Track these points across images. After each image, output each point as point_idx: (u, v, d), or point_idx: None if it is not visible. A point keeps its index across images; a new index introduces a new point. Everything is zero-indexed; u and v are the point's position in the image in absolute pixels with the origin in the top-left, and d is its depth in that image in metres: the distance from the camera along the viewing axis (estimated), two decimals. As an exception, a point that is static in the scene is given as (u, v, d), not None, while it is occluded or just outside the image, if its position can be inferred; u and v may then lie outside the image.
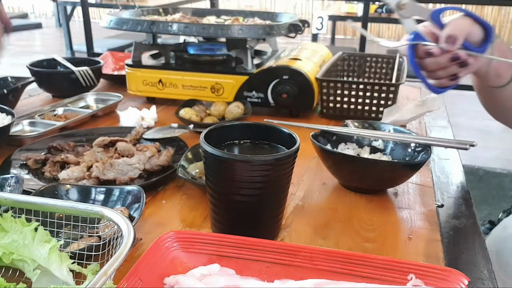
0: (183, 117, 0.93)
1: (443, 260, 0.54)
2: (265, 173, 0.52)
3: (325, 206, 0.66)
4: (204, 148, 0.53)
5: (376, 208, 0.66)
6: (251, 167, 0.51)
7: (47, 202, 0.49)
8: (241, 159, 0.52)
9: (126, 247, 0.41)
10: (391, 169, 0.67)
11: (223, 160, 0.51)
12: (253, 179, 0.52)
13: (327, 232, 0.60)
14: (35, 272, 0.46)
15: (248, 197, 0.54)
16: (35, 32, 7.22)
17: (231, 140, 0.60)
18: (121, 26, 1.01)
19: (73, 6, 4.01)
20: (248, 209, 0.54)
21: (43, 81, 1.14)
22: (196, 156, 0.74)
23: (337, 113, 1.02)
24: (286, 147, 0.56)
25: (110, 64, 1.36)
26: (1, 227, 0.48)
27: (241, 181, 0.52)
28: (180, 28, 0.98)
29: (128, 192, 0.61)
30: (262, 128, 0.61)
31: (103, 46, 3.87)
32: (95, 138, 0.85)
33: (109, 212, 0.46)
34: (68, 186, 0.63)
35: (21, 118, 0.92)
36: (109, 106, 1.03)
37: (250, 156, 0.52)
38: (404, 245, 0.57)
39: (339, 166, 0.70)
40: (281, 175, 0.54)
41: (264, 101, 1.02)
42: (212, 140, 0.54)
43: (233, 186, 0.53)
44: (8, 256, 0.46)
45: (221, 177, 0.53)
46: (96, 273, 0.38)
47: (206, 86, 1.03)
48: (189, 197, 0.68)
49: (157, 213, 0.64)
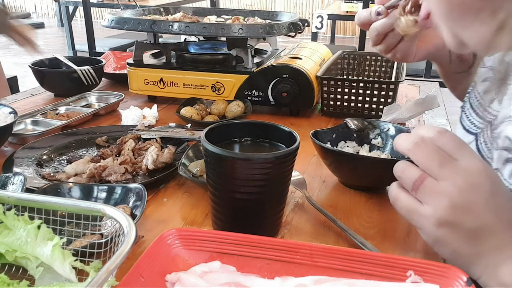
0: (184, 115, 0.94)
1: (441, 257, 0.55)
2: (266, 171, 0.52)
3: (325, 203, 0.66)
4: (205, 146, 0.53)
5: (376, 206, 0.66)
6: (252, 165, 0.52)
7: (50, 200, 0.50)
8: (241, 157, 0.52)
9: (128, 244, 0.41)
10: (389, 167, 0.67)
11: (223, 158, 0.52)
12: (254, 177, 0.52)
13: (327, 229, 0.60)
14: (38, 270, 0.46)
15: (248, 195, 0.54)
16: (38, 32, 7.22)
17: (232, 138, 0.61)
18: (122, 26, 1.02)
19: (75, 6, 4.02)
20: (249, 206, 0.55)
21: (46, 80, 1.14)
22: (197, 154, 0.74)
23: (337, 111, 1.02)
24: (286, 145, 0.57)
25: (112, 63, 1.37)
26: (5, 225, 0.49)
27: (242, 179, 0.53)
28: (181, 27, 0.98)
29: (130, 190, 0.62)
30: (263, 126, 0.61)
31: (105, 45, 3.87)
32: (97, 136, 0.85)
33: (111, 210, 0.47)
34: (70, 184, 0.64)
35: (23, 117, 0.93)
36: (111, 105, 1.04)
37: (250, 154, 0.53)
38: (403, 242, 0.58)
39: (339, 164, 0.70)
40: (282, 173, 0.54)
41: (265, 99, 1.02)
42: (213, 138, 0.54)
43: (233, 184, 0.53)
44: (11, 254, 0.47)
45: (222, 175, 0.54)
46: (99, 270, 0.39)
47: (207, 84, 1.04)
48: (190, 195, 0.68)
49: (158, 211, 0.64)
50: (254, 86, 1.02)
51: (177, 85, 1.05)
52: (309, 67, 1.02)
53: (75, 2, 3.87)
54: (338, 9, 4.02)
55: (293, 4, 7.45)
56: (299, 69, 0.99)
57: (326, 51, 1.23)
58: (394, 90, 0.97)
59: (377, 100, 0.98)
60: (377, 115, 0.99)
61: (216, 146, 0.52)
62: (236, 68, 1.05)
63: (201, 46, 1.17)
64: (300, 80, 0.99)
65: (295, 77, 0.99)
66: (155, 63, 1.11)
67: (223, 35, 1.00)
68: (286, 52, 1.15)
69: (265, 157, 0.52)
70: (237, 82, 1.02)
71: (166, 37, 2.44)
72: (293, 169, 0.56)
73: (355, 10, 3.73)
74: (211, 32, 0.98)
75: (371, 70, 1.23)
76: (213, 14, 1.31)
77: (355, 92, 0.99)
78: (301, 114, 1.04)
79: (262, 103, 1.03)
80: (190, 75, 1.04)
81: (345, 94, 1.00)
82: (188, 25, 0.98)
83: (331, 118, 1.03)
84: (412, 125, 0.98)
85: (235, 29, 0.97)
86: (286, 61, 1.03)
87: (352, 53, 1.24)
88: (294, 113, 1.04)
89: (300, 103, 1.02)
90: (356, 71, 1.24)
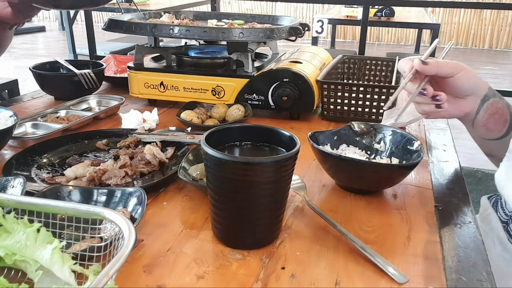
0: (184, 119, 0.94)
1: (442, 262, 0.55)
2: (266, 175, 0.52)
3: (325, 207, 0.66)
4: (205, 150, 0.53)
5: (376, 210, 0.66)
6: (252, 169, 0.52)
7: (49, 203, 0.50)
8: (241, 161, 0.52)
9: (128, 248, 0.41)
10: (389, 172, 0.68)
11: (223, 162, 0.52)
12: (253, 181, 0.52)
13: (327, 233, 0.60)
14: (37, 273, 0.46)
15: (248, 199, 0.54)
16: (38, 35, 7.25)
17: (232, 142, 0.61)
18: (123, 29, 1.02)
19: (76, 9, 4.02)
20: (248, 211, 0.55)
21: (46, 83, 1.14)
22: (197, 158, 0.74)
23: (337, 115, 1.02)
24: (286, 150, 0.57)
25: (112, 66, 1.37)
26: (4, 228, 0.49)
27: (242, 183, 0.53)
28: (182, 31, 0.98)
29: (130, 194, 0.62)
30: (263, 130, 0.61)
31: (106, 49, 3.87)
32: (97, 140, 0.85)
33: (110, 214, 0.47)
34: (70, 188, 0.64)
35: (24, 120, 0.93)
36: (111, 109, 1.04)
37: (250, 158, 0.53)
38: (403, 247, 0.58)
39: (336, 168, 0.70)
40: (282, 177, 0.54)
41: (265, 103, 1.02)
42: (213, 142, 0.54)
43: (233, 188, 0.53)
44: (10, 257, 0.47)
45: (222, 179, 0.54)
46: (98, 274, 0.39)
47: (207, 88, 1.04)
48: (190, 199, 0.68)
49: (158, 215, 0.64)
50: (255, 90, 1.02)
51: (178, 89, 1.06)
52: (309, 71, 1.02)
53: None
54: (338, 13, 4.03)
55: (293, 8, 7.47)
56: (299, 73, 0.99)
57: (326, 55, 1.23)
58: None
59: (377, 104, 0.99)
60: (377, 119, 0.99)
61: (216, 150, 0.52)
62: (236, 72, 1.05)
63: (201, 50, 1.18)
64: (300, 84, 0.99)
65: (296, 81, 0.99)
66: (156, 66, 1.11)
67: (224, 39, 1.00)
68: (286, 56, 1.15)
69: (265, 161, 0.52)
70: (237, 86, 1.02)
71: (166, 41, 2.45)
72: (293, 173, 0.56)
73: (355, 14, 3.74)
74: (212, 36, 0.98)
75: (371, 74, 1.23)
76: (213, 18, 1.31)
77: (355, 96, 0.99)
78: (301, 118, 1.05)
79: (262, 107, 1.03)
80: (190, 79, 1.05)
81: (345, 98, 1.00)
82: (189, 29, 0.98)
83: (331, 122, 1.03)
84: (412, 130, 0.98)
85: (236, 33, 0.98)
86: (286, 65, 1.03)
87: (352, 58, 1.25)
88: (294, 117, 1.04)
89: (300, 107, 1.02)
90: (356, 75, 1.25)
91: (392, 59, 1.20)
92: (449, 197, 0.71)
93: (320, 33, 3.31)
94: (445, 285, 0.51)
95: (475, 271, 0.53)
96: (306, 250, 0.57)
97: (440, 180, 0.76)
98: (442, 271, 0.53)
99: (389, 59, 1.21)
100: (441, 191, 0.72)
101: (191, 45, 1.22)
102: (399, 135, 0.76)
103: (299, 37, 1.07)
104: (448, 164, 0.83)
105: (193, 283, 0.50)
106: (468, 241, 0.59)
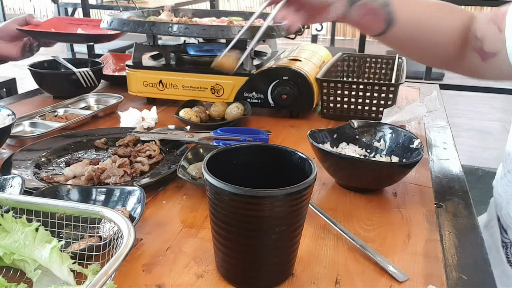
0: (183, 117, 0.93)
1: (442, 260, 0.55)
2: (275, 209, 0.44)
3: (325, 206, 0.66)
4: (205, 177, 0.46)
5: (376, 208, 0.66)
6: (259, 203, 0.44)
7: (48, 203, 0.49)
8: (246, 194, 0.43)
9: (127, 247, 0.41)
10: (388, 170, 0.67)
11: (225, 193, 0.44)
12: (262, 216, 0.45)
13: (327, 232, 0.60)
14: (36, 272, 0.46)
15: (253, 236, 0.46)
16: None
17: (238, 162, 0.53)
18: (121, 27, 1.01)
19: (74, 7, 4.01)
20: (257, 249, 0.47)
21: (44, 82, 1.14)
22: (196, 157, 0.74)
23: (337, 113, 1.02)
24: (299, 172, 0.49)
25: (111, 65, 1.37)
26: (2, 227, 0.48)
27: (247, 218, 0.45)
28: (180, 29, 0.98)
29: (129, 193, 0.62)
30: (272, 150, 0.54)
31: (104, 47, 3.87)
32: (96, 139, 0.85)
33: (109, 213, 0.46)
34: (69, 187, 0.63)
35: (22, 119, 0.92)
36: (110, 107, 1.03)
37: (256, 190, 0.43)
38: (404, 245, 0.58)
39: (336, 166, 0.70)
40: (295, 210, 0.46)
41: (264, 101, 1.02)
42: (218, 162, 0.49)
43: (238, 223, 0.46)
44: (9, 256, 0.47)
45: (224, 212, 0.46)
46: (97, 273, 0.39)
47: (206, 87, 1.04)
48: (189, 198, 0.68)
49: (157, 214, 0.64)
50: (254, 88, 1.02)
51: (176, 87, 1.05)
52: (309, 69, 1.02)
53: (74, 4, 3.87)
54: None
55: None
56: (299, 71, 0.99)
57: (326, 53, 1.23)
58: (394, 92, 0.97)
59: (377, 102, 0.98)
60: (377, 117, 0.99)
61: (217, 179, 0.45)
62: (235, 70, 1.04)
63: (200, 48, 1.17)
64: (299, 82, 0.99)
65: (295, 79, 0.99)
66: (154, 65, 1.10)
67: (223, 37, 0.99)
68: (285, 54, 1.15)
69: (275, 194, 0.43)
70: (236, 84, 1.02)
71: (165, 39, 2.44)
72: (308, 204, 0.48)
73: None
74: (211, 34, 0.97)
75: (371, 72, 1.23)
76: (212, 16, 1.30)
77: (355, 94, 0.99)
78: (301, 116, 1.04)
79: (262, 105, 1.02)
80: (189, 77, 1.04)
81: (345, 96, 1.00)
82: (188, 27, 0.98)
83: (331, 120, 1.03)
84: (412, 127, 0.98)
85: (235, 31, 0.97)
86: (286, 63, 1.03)
87: (352, 55, 1.24)
88: (293, 115, 1.04)
89: (300, 105, 1.01)
90: (356, 73, 1.24)
91: (392, 57, 1.20)
92: (449, 195, 0.70)
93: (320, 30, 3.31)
94: (445, 283, 0.51)
95: (475, 270, 0.53)
96: (306, 248, 0.56)
97: (440, 178, 0.76)
98: (443, 269, 0.53)
99: (389, 57, 1.21)
100: (441, 189, 0.72)
101: (190, 43, 1.22)
102: (399, 133, 0.76)
103: (298, 35, 1.07)
104: (448, 162, 0.83)
105: (193, 282, 0.50)
106: (468, 240, 0.59)
